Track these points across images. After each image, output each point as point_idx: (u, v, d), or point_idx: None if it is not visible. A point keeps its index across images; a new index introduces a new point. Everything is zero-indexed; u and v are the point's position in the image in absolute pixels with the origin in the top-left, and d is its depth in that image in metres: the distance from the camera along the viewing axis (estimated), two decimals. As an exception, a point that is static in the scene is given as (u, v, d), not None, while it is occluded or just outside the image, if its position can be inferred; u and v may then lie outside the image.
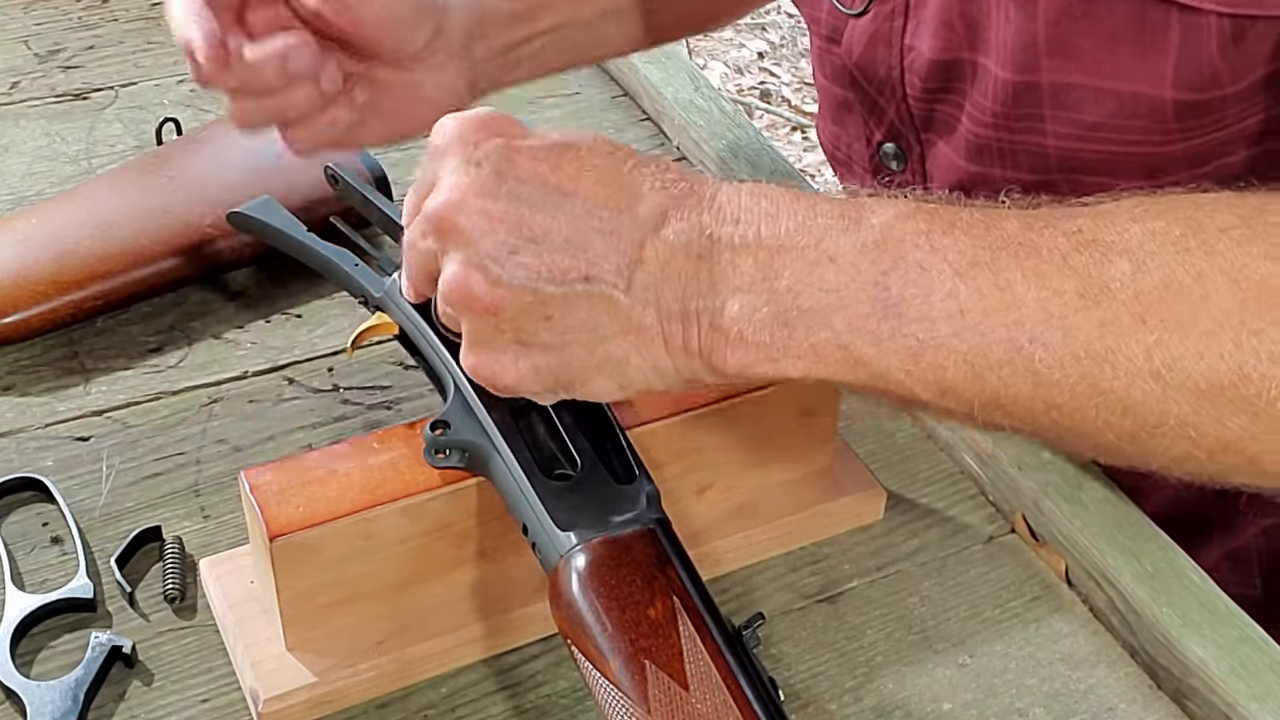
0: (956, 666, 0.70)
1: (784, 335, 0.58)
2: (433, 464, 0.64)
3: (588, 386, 0.61)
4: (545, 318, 0.58)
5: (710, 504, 0.73)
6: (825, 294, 0.58)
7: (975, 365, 0.58)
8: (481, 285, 0.58)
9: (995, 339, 0.57)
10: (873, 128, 0.88)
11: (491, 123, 0.60)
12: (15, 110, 1.05)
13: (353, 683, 0.66)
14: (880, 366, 0.58)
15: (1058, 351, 0.57)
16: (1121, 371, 0.56)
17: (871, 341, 0.58)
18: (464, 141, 0.60)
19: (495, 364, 0.60)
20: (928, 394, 0.59)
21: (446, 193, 0.59)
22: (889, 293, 0.58)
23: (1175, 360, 0.55)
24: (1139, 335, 0.56)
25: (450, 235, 0.59)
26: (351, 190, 0.77)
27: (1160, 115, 0.73)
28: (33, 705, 0.65)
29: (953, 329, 0.57)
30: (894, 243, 0.58)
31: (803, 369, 0.59)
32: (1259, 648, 0.70)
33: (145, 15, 1.15)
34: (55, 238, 0.86)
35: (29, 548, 0.73)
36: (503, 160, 0.59)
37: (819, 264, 0.58)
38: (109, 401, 0.82)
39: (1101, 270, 0.57)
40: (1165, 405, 0.56)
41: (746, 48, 3.10)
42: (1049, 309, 0.57)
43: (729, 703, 0.57)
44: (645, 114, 1.09)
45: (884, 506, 0.77)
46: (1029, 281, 0.57)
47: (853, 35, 0.84)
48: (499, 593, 0.69)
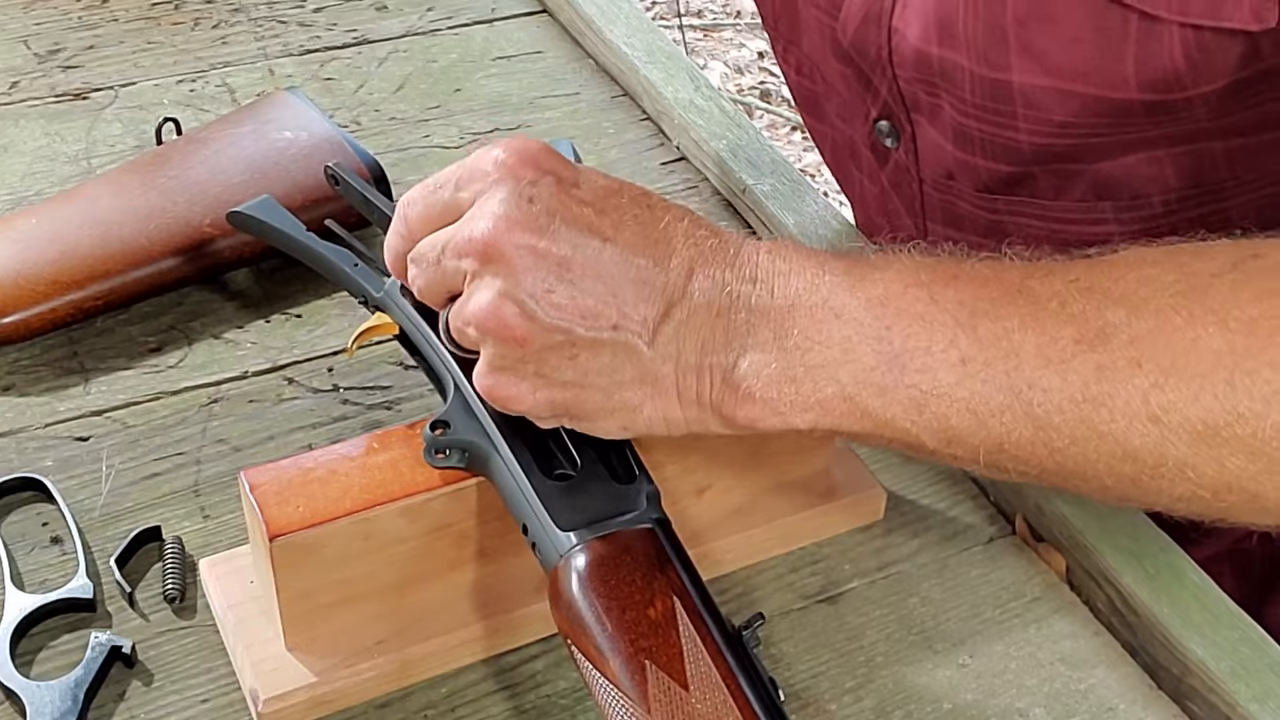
0: (956, 666, 0.70)
1: (791, 391, 0.61)
2: (433, 464, 0.64)
3: (595, 424, 0.63)
4: (571, 357, 0.60)
5: (710, 504, 0.73)
6: (831, 349, 0.60)
7: (978, 412, 0.59)
8: (517, 317, 0.60)
9: (996, 386, 0.59)
10: (869, 104, 0.88)
11: (543, 157, 0.62)
12: (15, 110, 1.05)
13: (352, 683, 0.66)
14: (886, 416, 0.61)
15: (1056, 396, 0.58)
16: (1119, 415, 0.58)
17: (877, 393, 0.60)
18: (518, 176, 0.61)
19: (513, 389, 0.61)
20: (934, 442, 0.61)
21: (496, 221, 0.60)
22: (892, 346, 0.60)
23: (1171, 403, 0.57)
24: (1135, 379, 0.57)
25: (495, 263, 0.60)
26: (351, 190, 0.77)
27: (1127, 112, 0.74)
28: (32, 705, 0.65)
29: (955, 378, 0.59)
30: (896, 297, 0.61)
31: (810, 421, 0.61)
32: (1259, 648, 0.70)
33: (145, 15, 1.15)
34: (55, 238, 0.86)
35: (29, 548, 0.73)
36: (554, 200, 0.60)
37: (825, 321, 0.61)
38: (109, 401, 0.82)
39: (1098, 316, 0.58)
40: (1164, 448, 0.58)
41: (746, 48, 3.10)
42: (1047, 354, 0.58)
43: (729, 703, 0.57)
44: (645, 114, 1.09)
45: (884, 506, 0.77)
46: (1027, 328, 0.59)
47: (849, 11, 0.84)
48: (499, 593, 0.69)
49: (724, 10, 3.25)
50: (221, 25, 1.15)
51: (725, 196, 1.01)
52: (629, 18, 1.15)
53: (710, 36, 3.16)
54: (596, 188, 0.62)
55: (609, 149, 1.05)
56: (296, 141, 0.92)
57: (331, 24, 1.16)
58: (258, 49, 1.12)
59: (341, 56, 1.12)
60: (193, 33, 1.14)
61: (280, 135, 0.93)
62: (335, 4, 1.18)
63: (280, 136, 0.93)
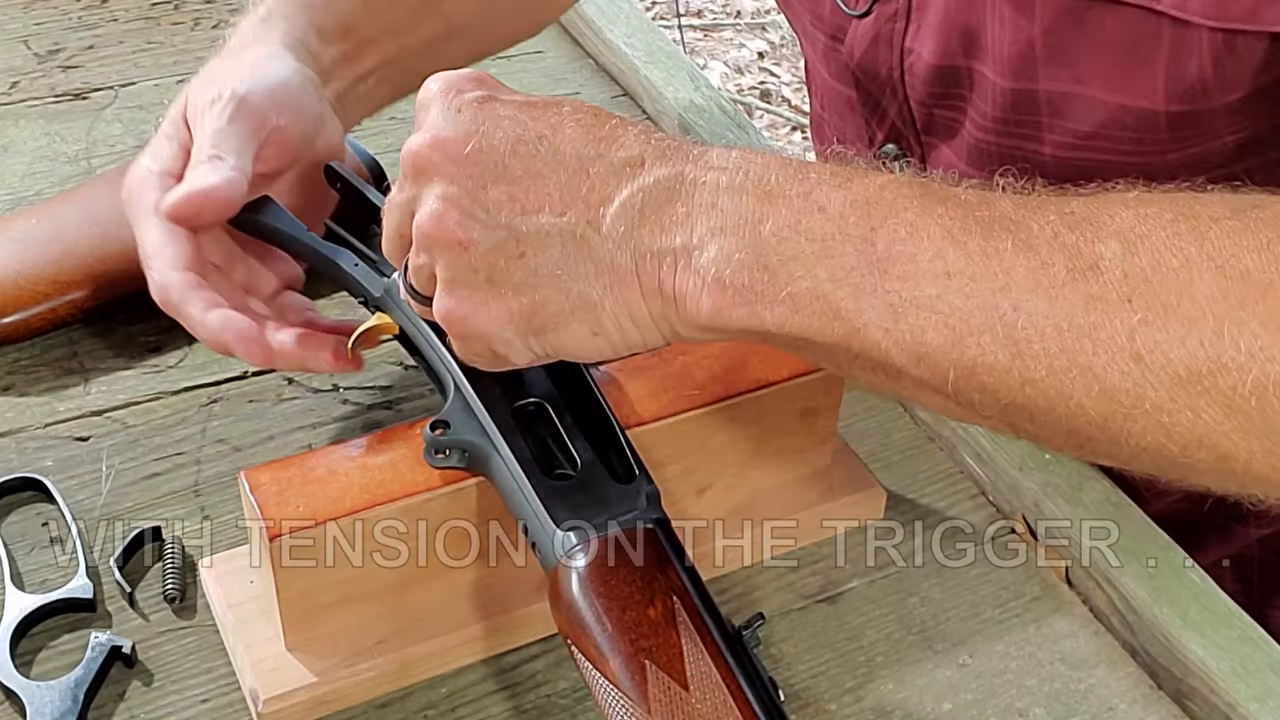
0: (956, 666, 0.70)
1: (763, 279, 0.57)
2: (433, 464, 0.64)
3: (561, 331, 0.60)
4: (518, 255, 0.58)
5: (710, 504, 0.73)
6: (810, 242, 0.57)
7: (956, 330, 0.56)
8: (454, 218, 0.58)
9: (979, 304, 0.56)
10: (874, 128, 0.88)
11: (474, 79, 0.61)
12: (15, 110, 1.05)
13: (353, 683, 0.66)
14: (858, 322, 0.57)
15: (1040, 322, 0.56)
16: (1103, 349, 0.55)
17: (853, 295, 0.57)
18: (447, 92, 0.61)
19: (467, 304, 0.60)
20: (903, 358, 0.57)
21: (424, 135, 0.60)
22: (875, 248, 0.57)
23: (1156, 344, 0.55)
24: (1124, 314, 0.55)
25: (425, 172, 0.59)
26: (351, 190, 0.77)
27: (1152, 126, 0.73)
28: (32, 705, 0.65)
29: (937, 290, 0.56)
30: (886, 201, 0.58)
31: (779, 317, 0.58)
32: (1259, 648, 0.70)
33: (145, 15, 1.15)
34: (55, 238, 0.86)
35: (29, 548, 0.73)
36: (482, 108, 0.60)
37: (807, 213, 0.57)
38: (109, 401, 0.82)
39: (1092, 248, 0.56)
40: (1142, 389, 0.55)
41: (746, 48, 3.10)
42: (1037, 279, 0.56)
43: (729, 703, 0.57)
44: (645, 114, 1.09)
45: (884, 506, 0.77)
46: (1019, 251, 0.56)
47: (855, 36, 0.84)
48: (499, 593, 0.69)
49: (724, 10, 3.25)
50: (221, 25, 1.14)
51: (725, 196, 1.01)
52: (629, 18, 1.15)
53: (710, 36, 3.16)
54: (533, 98, 0.61)
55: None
56: (296, 141, 0.92)
57: (331, 24, 1.16)
58: (258, 49, 1.12)
59: (341, 56, 1.12)
60: (193, 33, 1.14)
61: (280, 135, 0.93)
62: (335, 4, 1.18)
63: (280, 136, 0.93)
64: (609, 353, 0.61)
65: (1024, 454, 0.78)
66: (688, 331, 0.59)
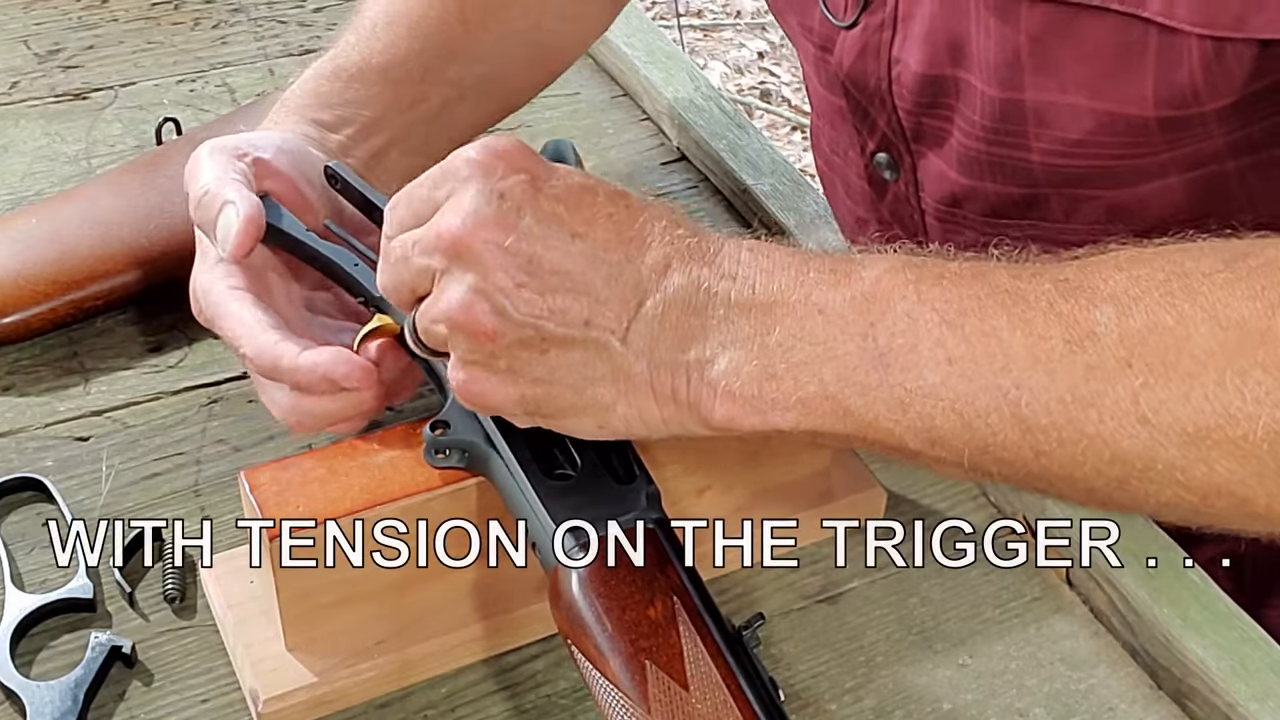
0: (956, 666, 0.70)
1: (772, 388, 0.59)
2: (433, 464, 0.64)
3: (568, 422, 0.62)
4: (542, 353, 0.60)
5: (710, 504, 0.73)
6: (814, 346, 0.59)
7: (963, 414, 0.58)
8: (487, 314, 0.59)
9: (982, 385, 0.58)
10: (865, 137, 0.88)
11: (516, 156, 0.61)
12: (15, 110, 1.05)
13: (353, 683, 0.66)
14: (869, 416, 0.59)
15: (1044, 396, 0.57)
16: (1108, 416, 0.56)
17: (860, 392, 0.59)
18: (489, 172, 0.60)
19: (484, 384, 0.61)
20: (917, 443, 0.59)
21: (464, 217, 0.59)
22: (876, 343, 0.59)
23: (1161, 404, 0.56)
24: (1125, 379, 0.56)
25: (462, 259, 0.59)
26: (351, 190, 0.77)
27: (1142, 130, 0.73)
28: (33, 705, 0.65)
29: (940, 377, 0.58)
30: (882, 295, 0.59)
31: (791, 421, 0.60)
32: (1259, 648, 0.70)
33: (145, 15, 1.15)
34: (55, 238, 0.86)
35: (29, 548, 0.73)
36: (524, 197, 0.60)
37: (808, 317, 0.59)
38: (109, 401, 0.82)
39: (1087, 315, 0.57)
40: (1153, 450, 0.56)
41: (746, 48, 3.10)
42: (1035, 354, 0.57)
43: (729, 703, 0.57)
44: (645, 114, 1.09)
45: (884, 506, 0.77)
46: (1015, 328, 0.58)
47: (844, 46, 0.84)
48: (499, 593, 0.69)
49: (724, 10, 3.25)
50: (221, 25, 1.15)
51: (725, 196, 1.01)
52: (629, 18, 1.15)
53: (710, 36, 3.16)
54: (570, 185, 0.61)
55: (609, 149, 1.05)
56: (296, 141, 0.92)
57: (331, 24, 1.16)
58: (258, 49, 1.12)
59: (341, 56, 1.12)
60: (193, 33, 1.14)
61: (280, 135, 0.93)
62: (335, 4, 1.18)
63: (280, 136, 0.93)
64: (611, 438, 0.63)
65: (1024, 454, 0.78)
66: (700, 431, 0.62)
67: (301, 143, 0.78)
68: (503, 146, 0.61)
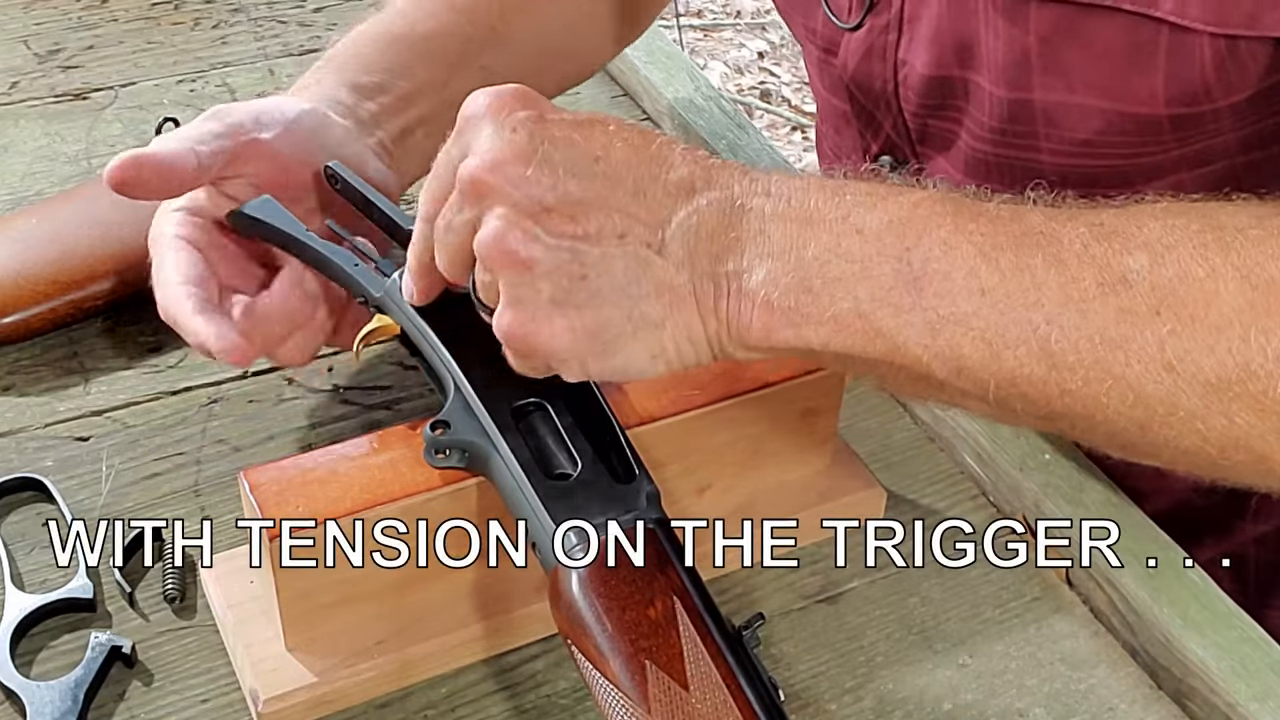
0: (956, 666, 0.70)
1: (808, 301, 0.59)
2: (433, 464, 0.64)
3: (623, 353, 0.61)
4: (581, 276, 0.59)
5: (710, 504, 0.73)
6: (850, 264, 0.59)
7: (992, 344, 0.59)
8: (519, 240, 0.59)
9: (1013, 319, 0.58)
10: (869, 140, 0.88)
11: (522, 96, 0.61)
12: (15, 110, 1.05)
13: (353, 683, 0.66)
14: (899, 339, 0.59)
15: (1073, 335, 0.58)
16: (1134, 359, 0.57)
17: (892, 313, 0.59)
18: (497, 111, 0.61)
19: (531, 322, 0.60)
20: (944, 371, 0.60)
21: (481, 156, 0.60)
22: (912, 266, 0.59)
23: (1186, 353, 0.57)
24: (1153, 326, 0.57)
25: (487, 195, 0.59)
26: (351, 190, 0.77)
27: (1153, 128, 0.73)
28: (33, 705, 0.65)
29: (972, 306, 0.59)
30: (920, 220, 0.60)
31: (824, 336, 0.60)
32: (1259, 647, 0.70)
33: (145, 15, 1.15)
34: (55, 238, 0.86)
35: (29, 548, 0.73)
36: (536, 127, 0.60)
37: (846, 235, 0.60)
38: (109, 401, 0.82)
39: (1120, 261, 0.58)
40: (1175, 396, 0.57)
41: (746, 48, 3.10)
42: (1068, 293, 0.58)
43: (729, 703, 0.57)
44: (645, 114, 1.09)
45: (884, 506, 0.77)
46: (1049, 266, 0.58)
47: (848, 49, 0.83)
48: (499, 593, 0.69)
49: (724, 10, 3.25)
50: (221, 25, 1.15)
51: (725, 196, 1.01)
52: (629, 18, 1.15)
53: (710, 36, 3.16)
54: (580, 116, 0.62)
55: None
56: (296, 141, 0.92)
57: (331, 24, 1.16)
58: (258, 49, 1.12)
59: (341, 56, 1.12)
60: (193, 33, 1.14)
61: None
62: (335, 4, 1.18)
63: (280, 136, 0.92)
64: (663, 374, 0.62)
65: (1024, 454, 0.78)
66: (738, 351, 0.62)
67: (322, 117, 0.78)
68: (507, 89, 0.62)
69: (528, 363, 0.62)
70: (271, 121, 0.76)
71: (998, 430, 0.79)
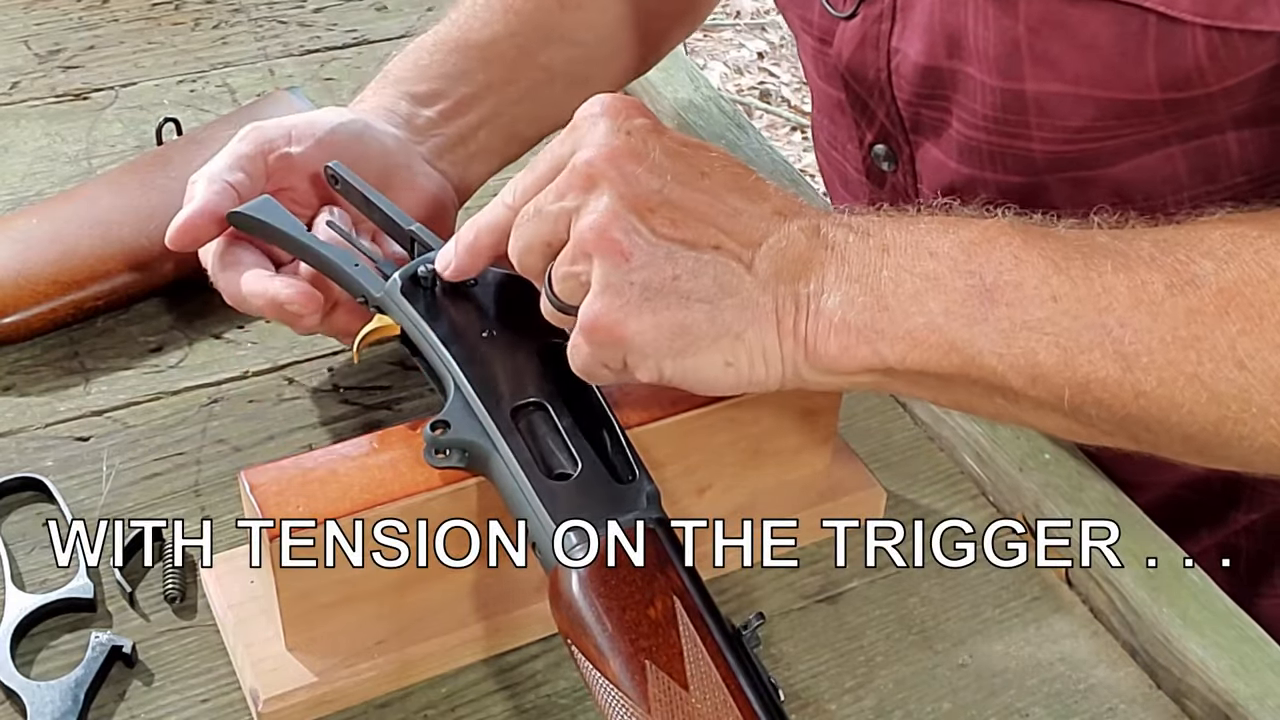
0: (956, 666, 0.70)
1: (883, 318, 0.62)
2: (433, 464, 0.64)
3: (700, 357, 0.62)
4: (674, 276, 0.61)
5: (710, 504, 0.73)
6: (924, 281, 0.62)
7: (1066, 349, 0.60)
8: (621, 228, 0.60)
9: (1086, 323, 0.60)
10: (864, 128, 0.88)
11: (639, 105, 0.64)
12: (15, 110, 1.05)
13: (353, 683, 0.66)
14: (973, 350, 0.61)
15: (1146, 336, 0.60)
16: (1207, 359, 0.60)
17: (966, 324, 0.61)
18: (616, 113, 0.63)
19: (619, 311, 0.61)
20: (1019, 380, 0.61)
21: (598, 149, 0.62)
22: (984, 280, 0.61)
23: (1257, 349, 0.59)
24: (1223, 325, 0.59)
25: (599, 185, 0.61)
26: (351, 190, 0.77)
27: (1148, 111, 0.74)
28: (33, 705, 0.65)
29: (1045, 313, 0.61)
30: (990, 240, 0.62)
31: (900, 352, 0.62)
32: (1259, 647, 0.70)
33: (145, 15, 1.15)
34: (55, 238, 0.86)
35: (29, 548, 0.74)
36: (651, 134, 0.63)
37: (919, 257, 0.62)
38: (109, 401, 0.82)
39: (1187, 267, 0.61)
40: (1248, 393, 0.59)
41: (746, 48, 3.10)
42: (1138, 296, 0.60)
43: (729, 703, 0.57)
44: (645, 114, 1.09)
45: (884, 506, 0.77)
46: (1119, 272, 0.61)
47: (843, 38, 0.84)
48: (499, 593, 0.69)
49: (724, 10, 3.25)
50: (222, 25, 1.15)
51: (725, 196, 1.01)
52: (629, 18, 1.15)
53: (710, 36, 3.16)
54: (688, 138, 0.65)
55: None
56: (296, 141, 0.92)
57: (332, 24, 1.16)
58: (258, 49, 1.12)
59: (342, 57, 1.12)
60: (193, 33, 1.14)
61: (280, 135, 0.93)
62: (335, 4, 1.18)
63: (280, 136, 0.93)
64: (732, 387, 0.64)
65: (1024, 454, 0.78)
66: (812, 375, 0.63)
67: (363, 126, 0.80)
68: (625, 99, 0.65)
69: (602, 354, 0.62)
70: (303, 136, 0.78)
71: (998, 430, 0.79)
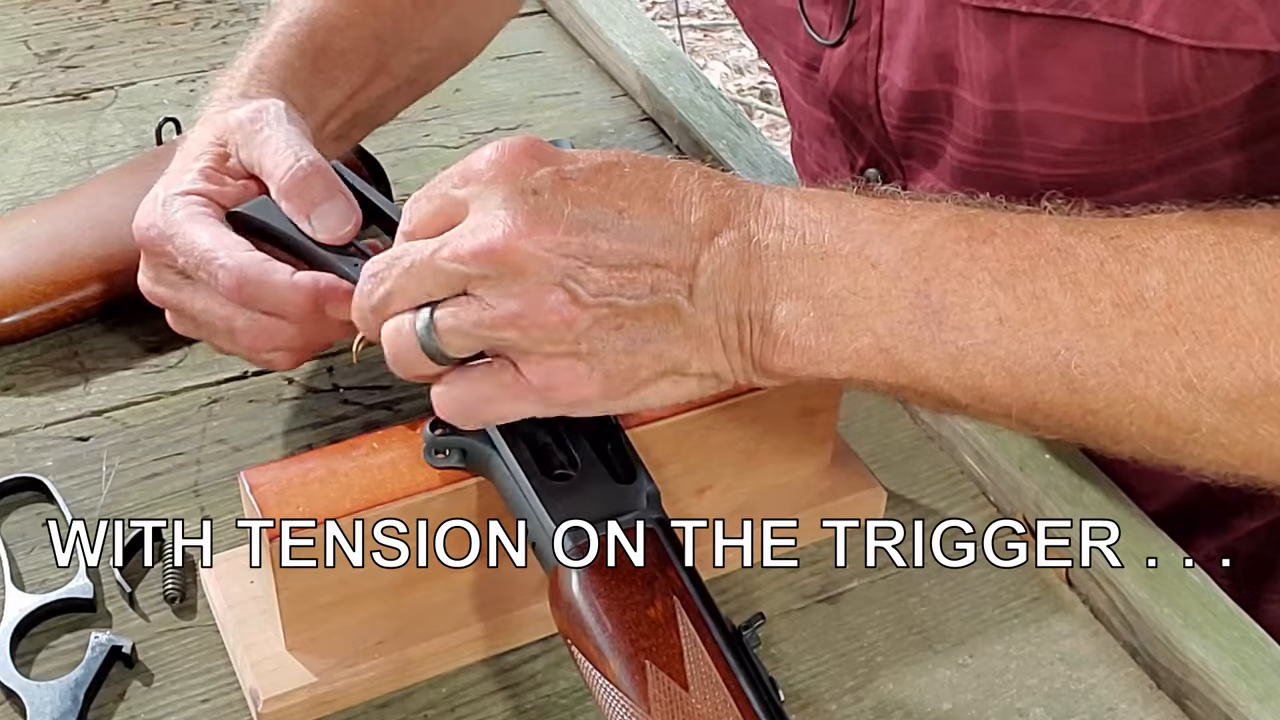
0: (956, 666, 0.70)
1: (828, 340, 0.61)
2: (433, 464, 0.64)
3: (649, 390, 0.62)
4: (617, 328, 0.60)
5: (710, 504, 0.73)
6: (868, 300, 0.60)
7: (1013, 372, 0.60)
8: (561, 302, 0.58)
9: (1032, 346, 0.59)
10: (855, 153, 0.88)
11: (534, 149, 0.61)
12: (15, 110, 1.05)
13: (353, 683, 0.66)
14: (920, 371, 0.61)
15: (1093, 360, 0.59)
16: (1155, 380, 0.58)
17: (912, 347, 0.60)
18: (513, 172, 0.60)
19: (568, 374, 0.60)
20: (966, 398, 0.61)
21: (507, 227, 0.58)
22: (929, 300, 0.60)
23: (1206, 370, 0.58)
24: (1171, 346, 0.58)
25: (516, 265, 0.58)
26: (351, 190, 0.77)
27: (1137, 135, 0.74)
28: (33, 705, 0.65)
29: (991, 336, 0.60)
30: (935, 250, 0.60)
31: (846, 371, 0.61)
32: (1260, 648, 0.70)
33: (145, 15, 1.15)
34: (55, 238, 0.86)
35: (29, 548, 0.73)
36: (557, 188, 0.59)
37: (862, 270, 0.60)
38: (109, 401, 0.82)
39: (1137, 279, 0.59)
40: (1197, 414, 0.58)
41: (746, 48, 3.10)
42: (1084, 317, 0.59)
43: (729, 703, 0.57)
44: (645, 114, 1.09)
45: (884, 506, 0.77)
46: (1066, 290, 0.59)
47: (829, 65, 0.84)
48: (499, 593, 0.69)
49: (724, 10, 3.25)
50: (221, 25, 1.15)
51: (725, 196, 1.01)
52: (629, 18, 1.15)
53: (710, 36, 3.16)
54: (594, 165, 0.61)
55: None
56: (296, 141, 0.92)
57: (331, 24, 1.15)
58: (258, 49, 1.12)
59: (341, 56, 1.12)
60: (193, 33, 1.14)
61: (280, 135, 0.93)
62: (335, 4, 1.18)
63: (280, 136, 0.92)
64: (683, 401, 0.64)
65: (1024, 454, 0.78)
66: (763, 381, 0.63)
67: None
68: (518, 143, 0.61)
69: (551, 408, 0.62)
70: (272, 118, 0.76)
71: (998, 430, 0.79)
